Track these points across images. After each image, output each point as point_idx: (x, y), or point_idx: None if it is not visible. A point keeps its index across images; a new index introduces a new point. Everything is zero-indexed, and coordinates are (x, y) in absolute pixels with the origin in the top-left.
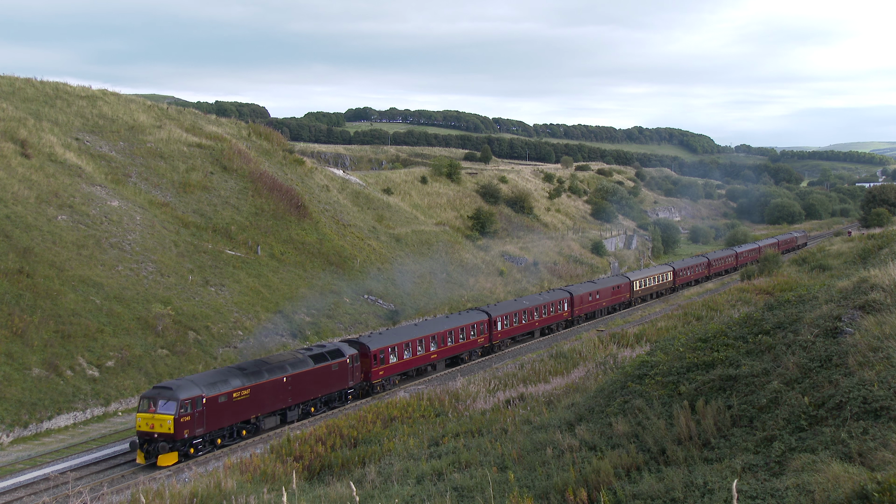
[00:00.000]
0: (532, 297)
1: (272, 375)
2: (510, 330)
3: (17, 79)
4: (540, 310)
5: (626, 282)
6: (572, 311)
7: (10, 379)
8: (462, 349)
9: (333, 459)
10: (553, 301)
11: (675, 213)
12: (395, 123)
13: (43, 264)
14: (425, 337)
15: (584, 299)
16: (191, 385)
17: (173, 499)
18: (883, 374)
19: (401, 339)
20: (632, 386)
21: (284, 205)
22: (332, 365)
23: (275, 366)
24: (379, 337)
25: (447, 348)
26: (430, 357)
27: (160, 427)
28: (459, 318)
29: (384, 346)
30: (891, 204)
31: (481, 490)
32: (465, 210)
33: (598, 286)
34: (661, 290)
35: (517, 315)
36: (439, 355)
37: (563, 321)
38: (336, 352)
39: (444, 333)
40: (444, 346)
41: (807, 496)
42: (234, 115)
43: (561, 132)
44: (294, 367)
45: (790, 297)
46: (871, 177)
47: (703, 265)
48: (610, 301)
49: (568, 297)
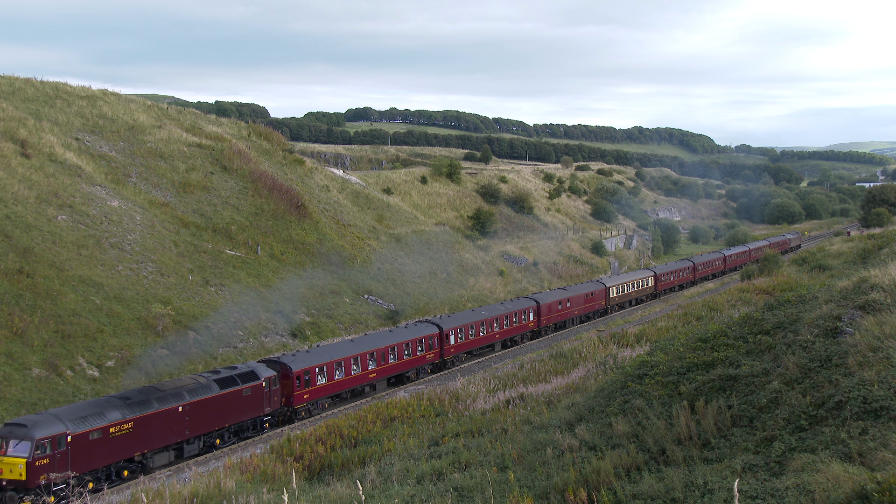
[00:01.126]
0: (492, 306)
1: (164, 405)
2: (465, 344)
3: (17, 79)
4: (501, 320)
5: (600, 288)
6: (539, 321)
7: (10, 379)
8: (407, 367)
9: (333, 459)
10: (516, 311)
11: (675, 213)
12: (395, 123)
13: (43, 264)
14: (362, 354)
15: (552, 308)
16: (52, 420)
17: (173, 499)
18: (883, 374)
19: (331, 358)
20: (632, 386)
21: (284, 205)
22: (242, 390)
23: (168, 393)
24: (305, 356)
25: (389, 366)
26: (367, 377)
27: (9, 473)
28: (405, 331)
29: (310, 367)
30: (891, 204)
31: (481, 490)
32: (465, 210)
33: (568, 293)
34: (642, 296)
35: (473, 327)
36: (379, 374)
37: (528, 332)
38: (249, 374)
39: (384, 350)
40: (385, 363)
41: (807, 496)
42: (234, 115)
43: (561, 132)
44: (193, 393)
45: (790, 297)
46: (871, 177)
47: (687, 269)
48: (583, 309)
49: (534, 305)
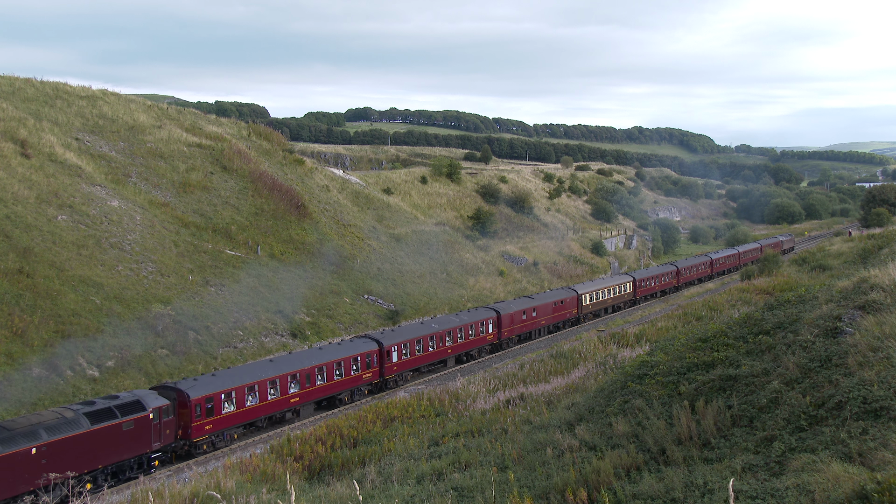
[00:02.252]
0: (445, 317)
1: (8, 448)
2: (411, 361)
3: (17, 79)
4: (454, 333)
5: (571, 296)
6: (499, 333)
7: (10, 379)
8: (339, 388)
9: (333, 459)
10: (473, 322)
11: (675, 213)
12: (395, 123)
13: (43, 264)
14: (281, 377)
15: (514, 318)
16: None
17: (173, 499)
18: (883, 374)
19: (241, 382)
20: (632, 386)
21: (284, 205)
22: (122, 423)
23: (18, 433)
24: (209, 380)
25: (315, 389)
26: (288, 402)
27: None
28: (338, 349)
29: (213, 393)
30: (891, 204)
31: (481, 490)
32: (465, 210)
33: (534, 302)
34: (619, 303)
35: (421, 342)
36: (304, 398)
37: (487, 346)
38: (132, 405)
39: (310, 371)
40: (311, 386)
41: (807, 496)
42: (234, 115)
43: (561, 132)
44: (54, 431)
45: (790, 297)
46: (871, 177)
47: (670, 274)
48: (551, 319)
49: (493, 316)
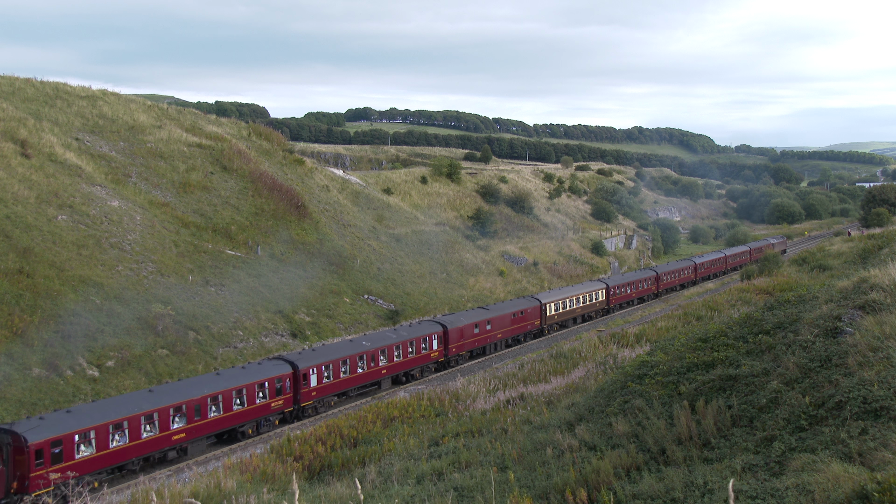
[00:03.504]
0: (381, 334)
1: None
2: (334, 385)
3: (17, 79)
4: (390, 352)
5: (534, 305)
6: (446, 350)
7: (10, 379)
8: (240, 420)
9: (333, 459)
10: (414, 339)
11: (675, 213)
12: (395, 123)
13: (43, 264)
14: (162, 409)
15: (464, 332)
16: None
17: (173, 499)
18: (883, 374)
19: (105, 420)
20: (632, 386)
21: (284, 205)
22: None
23: None
24: (61, 418)
25: (209, 422)
26: (171, 439)
27: None
28: (241, 374)
29: (62, 434)
30: (891, 204)
31: (481, 490)
32: (465, 210)
33: (489, 313)
34: (590, 312)
35: (347, 363)
36: (193, 433)
37: (432, 363)
38: None
39: (200, 402)
40: (202, 419)
41: (807, 496)
42: (234, 115)
43: (561, 132)
44: None
45: (790, 297)
46: (871, 177)
47: (649, 280)
48: (510, 332)
49: (439, 330)
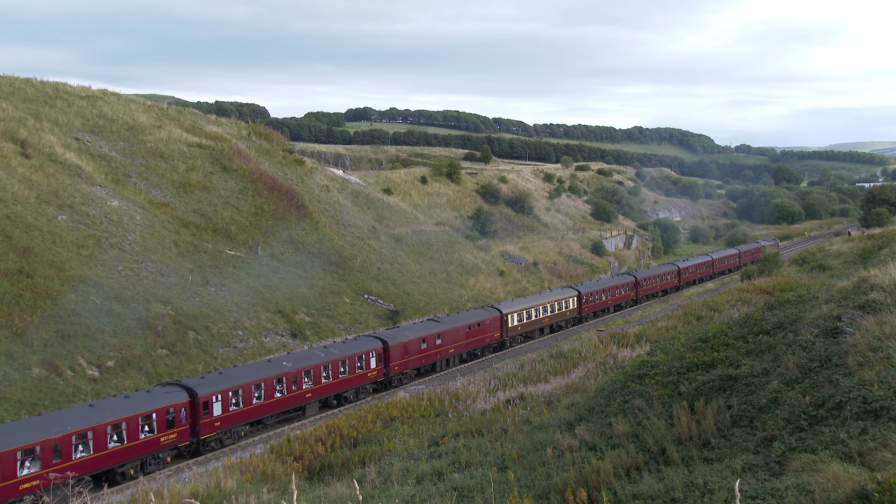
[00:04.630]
0: (310, 352)
1: None
2: (243, 413)
3: (17, 79)
4: (316, 373)
5: (493, 316)
6: (387, 369)
7: (10, 379)
8: (117, 459)
9: (333, 459)
10: (348, 357)
11: (675, 213)
12: (395, 123)
13: (43, 264)
14: (7, 454)
15: (408, 349)
16: None
17: (173, 499)
18: (883, 374)
19: None
20: (632, 386)
21: (284, 205)
22: None
23: None
24: None
25: (79, 462)
26: (18, 488)
27: None
28: (123, 405)
29: None
30: (891, 204)
31: (481, 490)
32: (465, 210)
33: (440, 326)
34: (560, 321)
35: (261, 388)
36: (47, 481)
37: (370, 384)
38: None
39: (65, 440)
40: (69, 460)
41: (807, 496)
42: (234, 115)
43: (561, 132)
44: None
45: (790, 297)
46: (871, 177)
47: (627, 286)
48: (464, 346)
49: (379, 347)
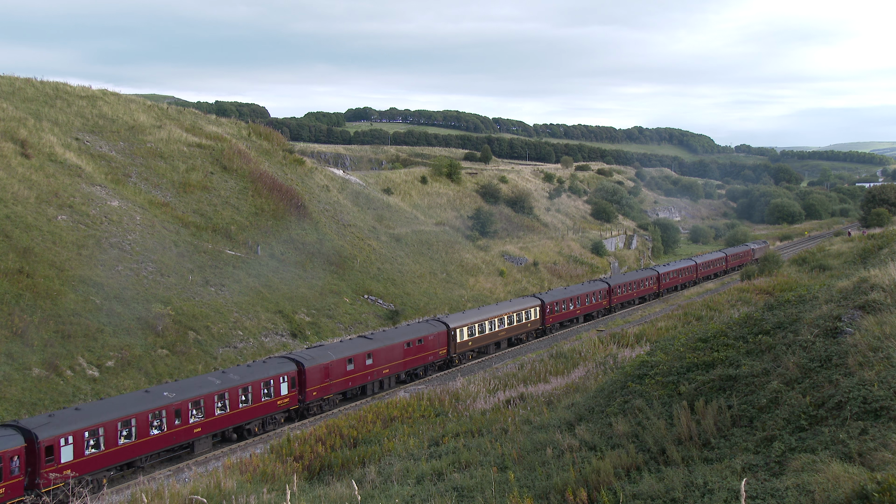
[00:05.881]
0: (203, 378)
1: None
2: (106, 456)
3: (17, 79)
4: (209, 404)
5: (438, 331)
6: (303, 394)
7: (10, 379)
8: None
9: (333, 459)
10: (251, 383)
11: (675, 213)
12: (395, 123)
13: (43, 264)
14: None
15: (331, 371)
16: None
17: (173, 499)
18: (883, 374)
19: None
20: (632, 386)
21: (284, 205)
22: None
23: None
24: None
25: None
26: None
27: None
28: None
29: None
30: (891, 204)
31: (481, 490)
32: (465, 210)
33: (373, 344)
34: (520, 334)
35: (132, 424)
36: None
37: (280, 412)
38: None
39: None
40: None
41: (807, 496)
42: (233, 115)
43: (561, 132)
44: None
45: (790, 297)
46: (871, 177)
47: (600, 293)
48: (402, 365)
49: (293, 370)
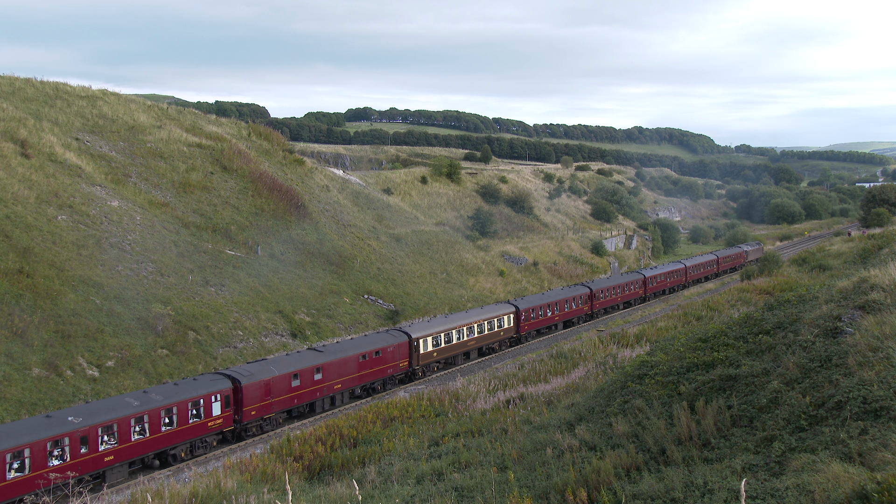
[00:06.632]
0: (119, 399)
1: None
2: None
3: (17, 79)
4: (123, 429)
5: (399, 342)
6: (239, 414)
7: (10, 379)
8: None
9: (333, 459)
10: (177, 403)
11: (675, 213)
12: (395, 123)
13: (43, 264)
14: None
15: (272, 388)
16: None
17: (173, 499)
18: (883, 374)
19: None
20: (632, 386)
21: (284, 205)
22: None
23: None
24: None
25: None
26: None
27: None
28: None
29: None
30: (891, 204)
31: (481, 490)
32: (465, 210)
33: (324, 357)
34: (492, 343)
35: (24, 456)
36: None
37: (212, 435)
38: None
39: None
40: None
41: (807, 496)
42: (233, 115)
43: (561, 132)
44: None
45: (790, 297)
46: (871, 177)
47: (580, 298)
48: (357, 380)
49: (227, 388)
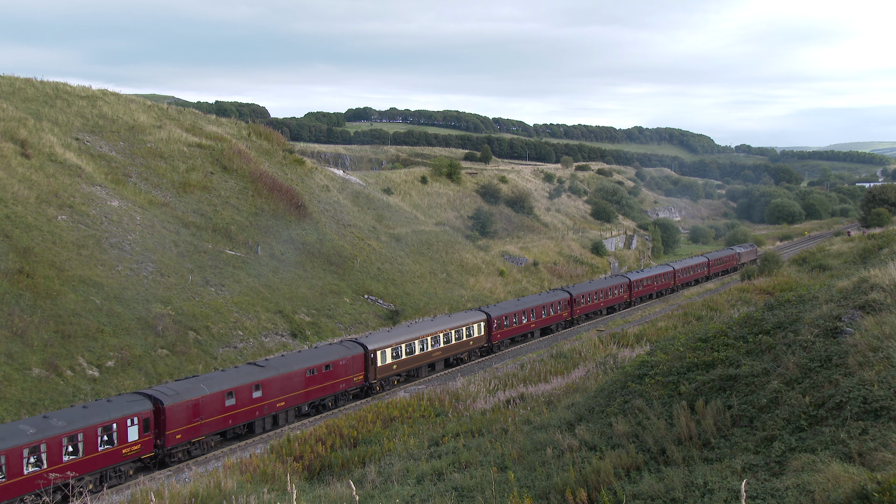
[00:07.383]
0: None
1: None
2: None
3: (17, 79)
4: (12, 462)
5: (354, 354)
6: (162, 438)
7: (10, 379)
8: None
9: (333, 459)
10: (84, 430)
11: (675, 213)
12: (395, 123)
13: (43, 264)
14: None
15: (202, 409)
16: None
17: (173, 499)
18: (883, 374)
19: None
20: (632, 386)
21: (284, 205)
22: None
23: None
24: None
25: None
26: None
27: None
28: None
29: None
30: (891, 204)
31: (481, 490)
32: (465, 210)
33: (265, 373)
34: (460, 353)
35: None
36: None
37: (127, 463)
38: None
39: None
40: None
41: (807, 496)
42: (234, 115)
43: (561, 132)
44: None
45: (790, 297)
46: (871, 177)
47: (559, 304)
48: (304, 396)
49: (146, 410)
